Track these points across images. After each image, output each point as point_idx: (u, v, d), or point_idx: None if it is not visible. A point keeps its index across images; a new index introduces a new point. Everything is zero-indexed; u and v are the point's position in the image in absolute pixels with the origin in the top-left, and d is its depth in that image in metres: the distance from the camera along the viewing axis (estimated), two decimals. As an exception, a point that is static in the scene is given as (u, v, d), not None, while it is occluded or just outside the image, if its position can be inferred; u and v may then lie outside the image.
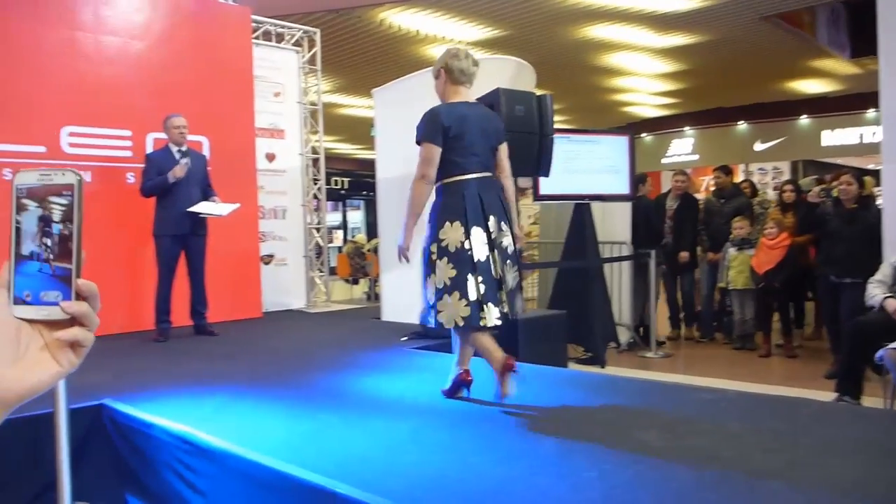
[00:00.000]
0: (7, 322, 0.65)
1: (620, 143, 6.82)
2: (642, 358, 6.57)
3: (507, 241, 3.19)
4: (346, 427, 2.95)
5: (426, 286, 3.18)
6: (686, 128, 17.16)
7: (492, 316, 3.08)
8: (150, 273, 5.29)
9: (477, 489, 2.19)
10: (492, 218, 3.14)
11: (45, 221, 0.65)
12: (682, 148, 17.20)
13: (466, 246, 3.07)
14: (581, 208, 6.51)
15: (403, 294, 6.24)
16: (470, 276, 3.06)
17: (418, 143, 3.21)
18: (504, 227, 3.18)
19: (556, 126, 5.60)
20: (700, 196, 8.72)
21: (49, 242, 0.65)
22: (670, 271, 7.35)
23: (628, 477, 2.24)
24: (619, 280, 7.09)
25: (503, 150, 3.33)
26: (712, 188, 7.99)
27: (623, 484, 2.19)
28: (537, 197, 6.70)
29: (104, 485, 3.20)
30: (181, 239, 5.29)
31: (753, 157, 15.94)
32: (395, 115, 6.49)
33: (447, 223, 3.10)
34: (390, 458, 2.53)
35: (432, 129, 3.14)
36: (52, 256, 0.65)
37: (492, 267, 3.11)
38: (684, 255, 7.10)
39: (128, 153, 5.94)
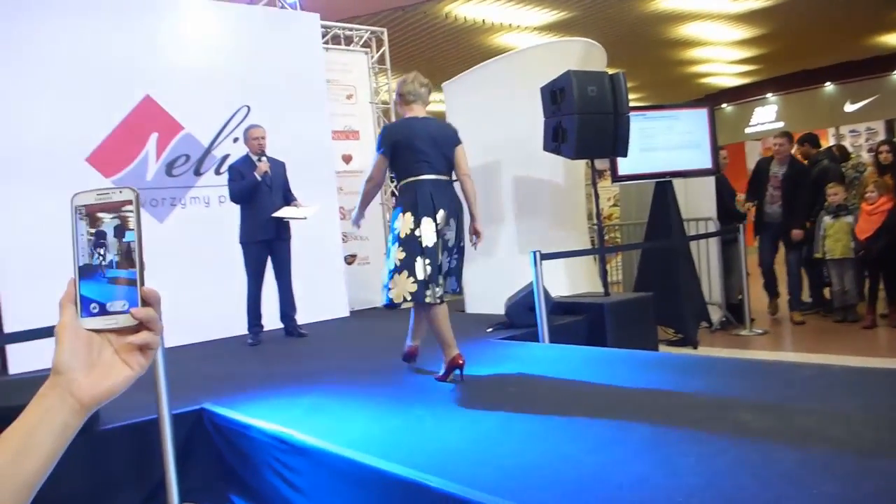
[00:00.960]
0: (79, 333, 0.69)
1: (699, 115, 6.59)
2: (737, 336, 6.34)
3: (450, 234, 3.66)
4: (436, 421, 2.97)
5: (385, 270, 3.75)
6: (768, 94, 16.45)
7: (436, 294, 3.58)
8: (239, 280, 5.46)
9: (571, 478, 2.15)
10: (441, 212, 3.61)
11: (107, 236, 0.69)
12: (766, 116, 16.50)
13: (417, 233, 3.57)
14: (663, 186, 6.34)
15: (487, 285, 6.23)
16: (418, 258, 3.56)
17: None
18: (452, 223, 3.67)
19: (630, 104, 5.48)
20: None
21: (113, 255, 0.69)
22: (770, 243, 6.80)
23: (728, 461, 2.16)
24: (706, 257, 6.87)
25: (458, 152, 3.79)
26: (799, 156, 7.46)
27: (723, 468, 2.11)
28: (616, 178, 6.56)
29: (209, 486, 3.33)
30: (267, 244, 5.43)
31: (844, 118, 15.11)
32: (467, 106, 6.48)
33: (400, 215, 3.65)
34: (482, 450, 2.53)
35: (382, 142, 3.75)
36: (116, 268, 0.69)
37: (437, 252, 3.59)
38: (797, 233, 6.53)
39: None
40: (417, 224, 3.56)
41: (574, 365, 3.82)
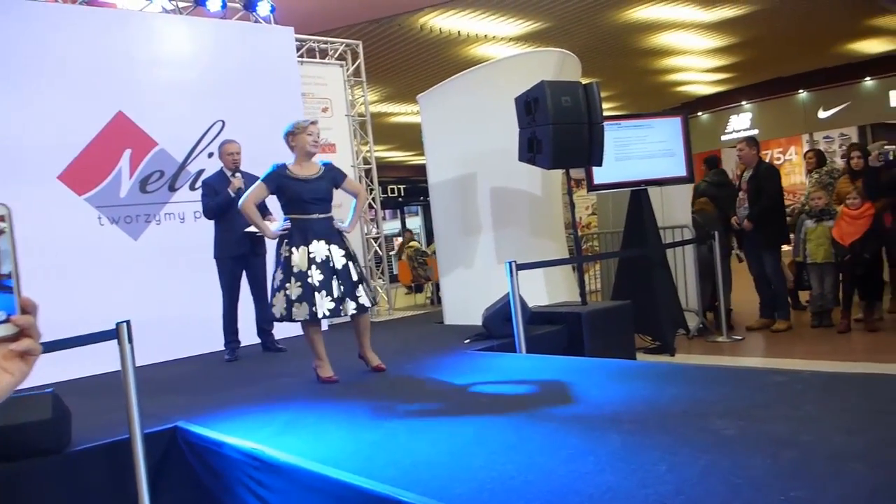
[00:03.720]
0: None
1: (673, 124, 6.65)
2: (713, 343, 6.38)
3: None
4: (411, 434, 2.95)
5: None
6: (743, 102, 16.67)
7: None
8: (215, 295, 5.42)
9: (544, 489, 2.15)
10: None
11: None
12: (741, 123, 16.73)
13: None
14: (638, 195, 6.38)
15: (464, 296, 6.23)
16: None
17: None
18: None
19: (605, 113, 5.51)
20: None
21: None
22: (751, 249, 6.69)
23: (700, 468, 2.17)
24: (683, 264, 6.91)
25: None
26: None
27: (695, 476, 2.11)
28: (591, 187, 6.60)
29: (183, 505, 3.28)
30: (241, 259, 5.40)
31: (817, 125, 15.35)
32: (442, 117, 6.50)
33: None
34: (456, 463, 2.52)
35: None
36: None
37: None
38: (747, 224, 6.48)
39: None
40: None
41: (550, 375, 3.82)
